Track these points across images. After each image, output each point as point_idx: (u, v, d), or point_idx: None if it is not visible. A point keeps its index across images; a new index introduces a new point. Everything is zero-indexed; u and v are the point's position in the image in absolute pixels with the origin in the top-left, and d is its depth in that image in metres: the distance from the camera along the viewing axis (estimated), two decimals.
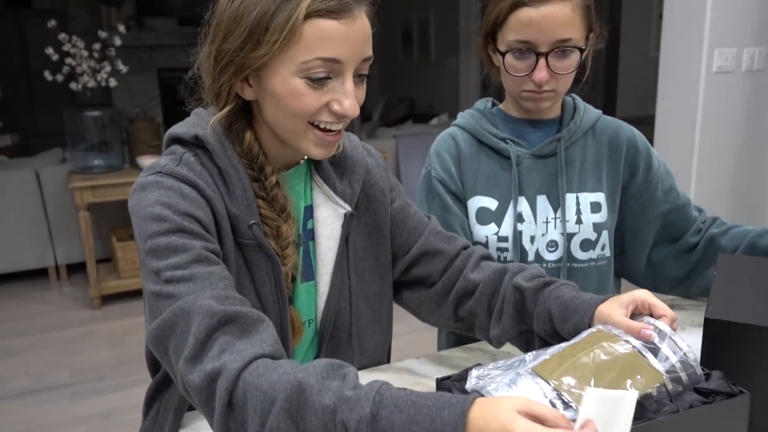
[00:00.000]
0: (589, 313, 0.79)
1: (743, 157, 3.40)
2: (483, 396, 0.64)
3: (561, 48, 1.03)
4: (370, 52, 0.79)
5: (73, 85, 3.29)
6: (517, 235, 1.13)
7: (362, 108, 0.81)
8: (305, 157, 0.90)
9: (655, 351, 0.70)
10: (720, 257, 0.97)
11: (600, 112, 1.20)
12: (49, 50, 3.24)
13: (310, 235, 0.91)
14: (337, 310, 0.91)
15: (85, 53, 3.25)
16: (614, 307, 0.78)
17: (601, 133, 1.17)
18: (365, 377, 0.96)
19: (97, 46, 3.29)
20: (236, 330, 0.68)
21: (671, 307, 1.09)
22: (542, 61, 1.03)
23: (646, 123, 4.16)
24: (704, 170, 3.30)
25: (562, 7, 1.01)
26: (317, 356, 0.93)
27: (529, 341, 0.89)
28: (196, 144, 0.83)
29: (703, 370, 0.71)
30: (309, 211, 0.91)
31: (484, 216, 1.14)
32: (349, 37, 0.74)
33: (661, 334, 0.72)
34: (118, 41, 3.33)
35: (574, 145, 1.16)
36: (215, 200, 0.79)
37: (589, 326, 0.78)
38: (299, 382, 0.61)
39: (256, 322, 0.70)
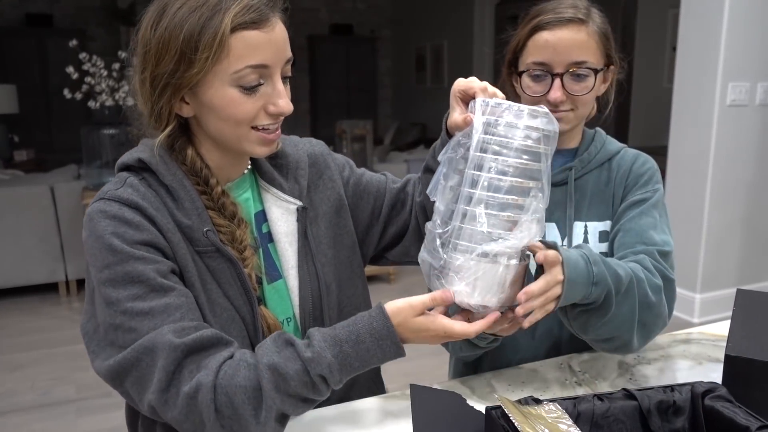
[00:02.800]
0: (445, 131, 0.94)
1: (756, 189, 3.39)
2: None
3: (576, 70, 1.06)
4: (290, 53, 0.86)
5: (91, 104, 3.34)
6: None
7: (374, 131, 0.85)
8: (248, 168, 0.95)
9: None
10: (738, 292, 0.96)
11: (622, 146, 1.19)
12: (70, 69, 3.29)
13: (268, 237, 0.95)
14: (311, 302, 0.94)
15: (105, 72, 3.31)
16: (454, 117, 0.89)
17: (617, 165, 1.17)
18: (379, 404, 0.95)
19: (116, 65, 3.35)
20: (198, 354, 0.76)
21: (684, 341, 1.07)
22: (557, 81, 1.06)
23: (658, 154, 4.15)
24: (717, 202, 3.29)
25: (577, 31, 1.06)
26: None
27: None
28: (142, 168, 0.86)
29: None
30: (261, 215, 0.95)
31: None
32: (272, 42, 0.81)
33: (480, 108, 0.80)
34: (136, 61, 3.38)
35: (588, 174, 1.16)
36: (159, 218, 0.82)
37: (450, 136, 0.91)
38: (268, 365, 0.74)
39: (211, 339, 0.77)
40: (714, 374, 1.06)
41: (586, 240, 1.14)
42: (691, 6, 3.21)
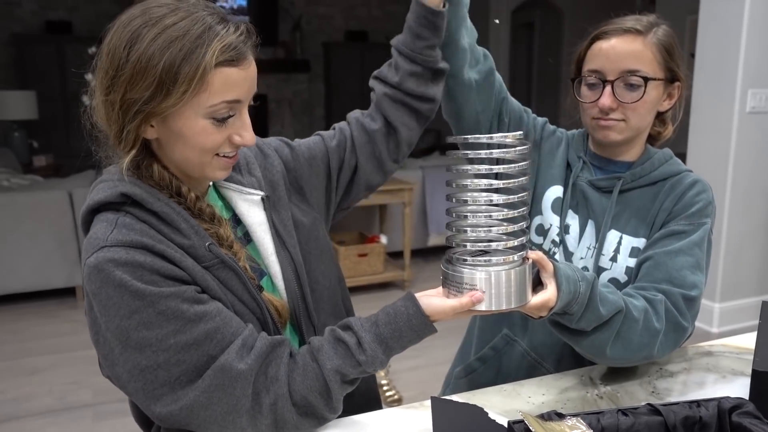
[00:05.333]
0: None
1: None
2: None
3: (628, 78, 1.06)
4: (256, 88, 0.88)
5: None
6: (558, 243, 1.15)
7: None
8: (210, 183, 0.97)
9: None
10: (763, 305, 0.95)
11: (686, 170, 1.16)
12: (89, 76, 3.33)
13: (244, 240, 0.97)
14: (294, 284, 0.98)
15: None
16: None
17: (671, 187, 1.13)
18: (401, 415, 0.95)
19: None
20: (263, 365, 0.84)
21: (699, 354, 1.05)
22: (608, 88, 1.07)
23: None
24: (736, 210, 3.24)
25: (632, 41, 1.06)
26: (300, 337, 0.99)
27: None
28: (123, 202, 0.85)
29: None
30: (234, 219, 0.98)
31: (555, 205, 1.18)
32: (246, 79, 0.84)
33: None
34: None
35: (638, 189, 1.14)
36: (166, 250, 0.82)
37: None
38: (332, 369, 0.85)
39: (267, 347, 0.84)
40: (739, 388, 1.04)
41: (617, 250, 1.12)
42: (709, 12, 3.18)
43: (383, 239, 4.10)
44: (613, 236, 1.13)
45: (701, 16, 3.23)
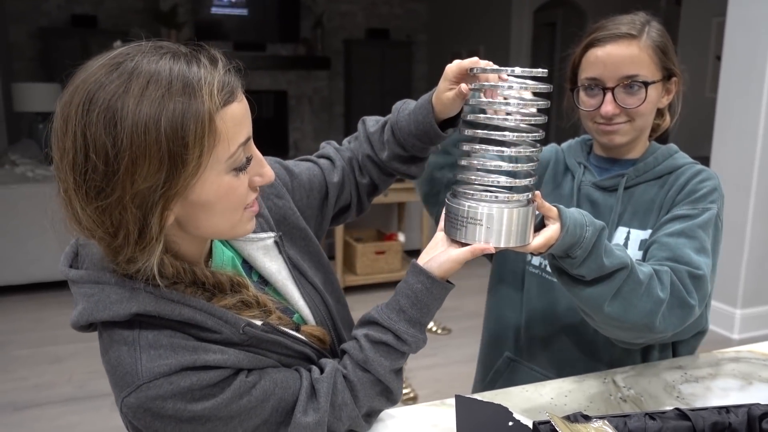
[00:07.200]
0: (430, 109, 0.95)
1: None
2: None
3: (628, 83, 1.07)
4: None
5: None
6: None
7: None
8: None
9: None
10: None
11: (692, 162, 1.16)
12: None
13: (262, 282, 0.90)
14: (326, 315, 0.95)
15: None
16: (444, 91, 0.92)
17: (676, 178, 1.14)
18: (424, 412, 0.95)
19: None
20: (329, 407, 0.82)
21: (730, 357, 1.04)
22: (608, 95, 1.08)
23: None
24: (760, 215, 3.19)
25: (627, 46, 1.07)
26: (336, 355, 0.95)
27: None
28: (134, 320, 0.73)
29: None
30: (246, 265, 0.90)
31: None
32: (245, 113, 0.74)
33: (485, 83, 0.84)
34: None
35: (643, 184, 1.15)
36: (207, 358, 0.73)
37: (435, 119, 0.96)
38: (389, 371, 0.85)
39: (327, 386, 0.82)
40: (765, 394, 1.03)
41: (626, 245, 1.13)
42: (737, 14, 3.14)
43: (401, 237, 4.10)
44: (620, 233, 1.14)
45: (728, 18, 3.18)
